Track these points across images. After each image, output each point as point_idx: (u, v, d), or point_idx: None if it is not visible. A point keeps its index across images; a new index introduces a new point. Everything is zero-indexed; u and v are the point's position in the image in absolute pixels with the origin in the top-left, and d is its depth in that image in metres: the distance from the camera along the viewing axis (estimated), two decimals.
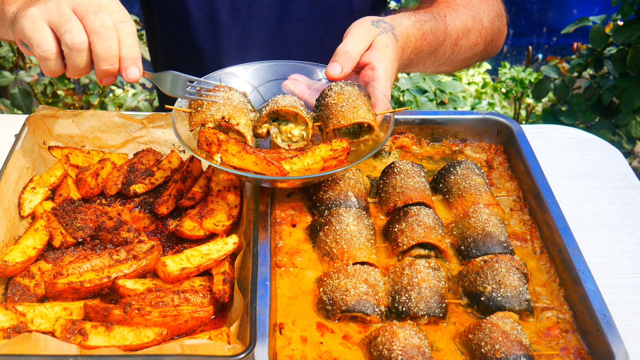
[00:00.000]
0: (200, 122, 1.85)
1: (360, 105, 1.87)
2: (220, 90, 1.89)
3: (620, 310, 1.78)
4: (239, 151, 1.75)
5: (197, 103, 1.89)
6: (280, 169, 1.75)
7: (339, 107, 1.86)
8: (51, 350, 1.44)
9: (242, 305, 1.59)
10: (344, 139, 1.86)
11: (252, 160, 1.75)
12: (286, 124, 1.92)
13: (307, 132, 1.93)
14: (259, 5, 2.53)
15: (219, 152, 1.76)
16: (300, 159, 1.84)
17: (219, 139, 1.76)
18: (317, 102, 1.95)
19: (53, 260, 1.77)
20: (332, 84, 1.92)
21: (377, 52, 1.96)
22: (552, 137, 2.49)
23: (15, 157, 1.92)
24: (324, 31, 2.61)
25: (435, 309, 1.68)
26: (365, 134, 1.93)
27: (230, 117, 1.84)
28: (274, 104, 1.90)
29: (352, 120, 1.85)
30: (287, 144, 1.94)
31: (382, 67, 1.94)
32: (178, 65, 2.75)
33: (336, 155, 1.84)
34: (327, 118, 1.89)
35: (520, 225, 2.00)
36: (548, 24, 6.14)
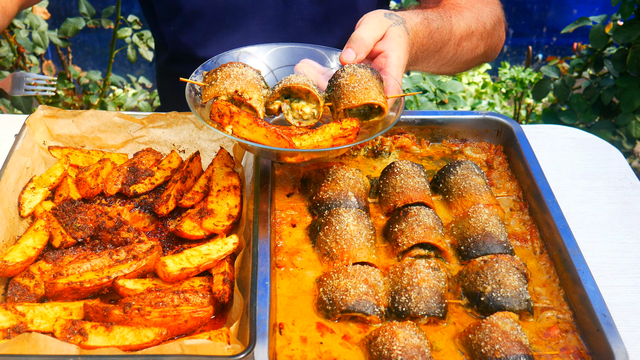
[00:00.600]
0: (213, 95, 1.88)
1: (371, 87, 1.88)
2: (234, 66, 1.92)
3: (620, 310, 1.78)
4: (250, 123, 1.78)
5: (211, 77, 1.92)
6: (290, 143, 1.77)
7: (350, 87, 1.88)
8: (51, 350, 1.44)
9: (242, 305, 1.59)
10: (354, 119, 1.87)
11: (262, 133, 1.78)
12: (298, 102, 1.94)
13: (318, 110, 1.95)
14: (262, 4, 2.53)
15: (230, 123, 1.79)
16: (310, 136, 1.85)
17: (231, 111, 1.79)
18: (330, 82, 1.97)
19: (53, 260, 1.77)
20: (346, 66, 1.94)
21: (390, 41, 1.99)
22: (552, 137, 2.49)
23: (15, 157, 1.92)
24: (327, 31, 2.62)
25: (435, 309, 1.68)
26: (375, 116, 1.94)
27: (243, 91, 1.87)
28: (287, 81, 1.92)
29: (362, 100, 1.86)
30: (297, 121, 1.96)
31: (395, 55, 1.97)
32: (179, 65, 2.76)
33: (345, 134, 1.85)
34: (338, 98, 1.91)
35: (520, 225, 2.00)
36: (548, 24, 6.14)
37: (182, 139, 2.17)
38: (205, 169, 2.08)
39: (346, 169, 2.04)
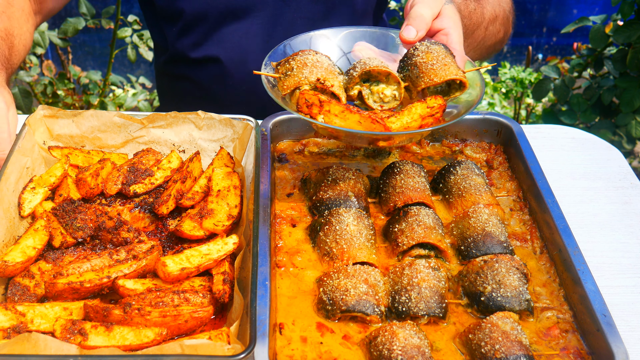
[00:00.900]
0: (293, 85, 1.86)
1: (449, 62, 1.87)
2: (307, 53, 1.90)
3: (620, 310, 1.78)
4: (342, 111, 1.77)
5: (285, 67, 1.91)
6: (385, 127, 1.75)
7: (429, 65, 1.85)
8: (51, 350, 1.44)
9: (242, 305, 1.59)
10: (438, 97, 1.84)
11: (356, 120, 1.76)
12: (377, 85, 1.92)
13: (399, 92, 1.92)
14: (262, 4, 2.53)
15: (321, 112, 1.77)
16: (398, 118, 1.82)
17: (320, 100, 1.78)
18: (403, 62, 1.94)
19: (53, 260, 1.77)
20: (418, 44, 1.91)
21: (447, 19, 1.99)
22: (552, 137, 2.49)
23: (15, 157, 1.92)
24: None
25: (435, 309, 1.68)
26: (455, 92, 1.91)
27: (325, 79, 1.86)
28: (364, 65, 1.89)
29: (444, 77, 1.84)
30: (379, 104, 1.93)
31: (456, 33, 1.98)
32: (179, 65, 2.76)
33: (433, 113, 1.83)
34: (416, 77, 1.88)
35: (520, 225, 2.00)
36: (548, 24, 6.13)
37: (182, 139, 2.17)
38: (205, 169, 2.07)
39: (346, 169, 2.04)
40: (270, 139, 2.15)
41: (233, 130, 2.14)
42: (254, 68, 2.63)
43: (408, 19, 1.97)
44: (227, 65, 2.63)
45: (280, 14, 2.56)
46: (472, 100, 1.89)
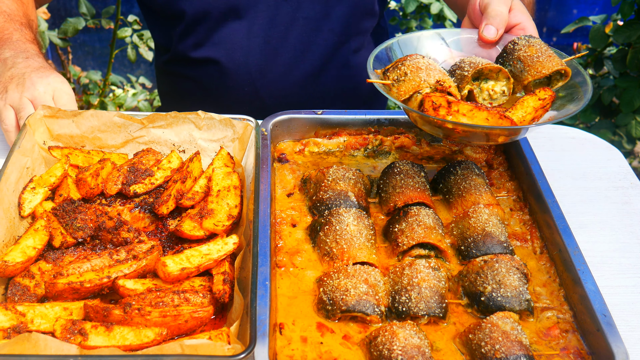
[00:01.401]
0: (413, 89, 1.89)
1: (552, 54, 1.94)
2: (415, 58, 1.95)
3: (620, 310, 1.78)
4: (471, 110, 1.80)
5: (395, 73, 1.94)
6: (512, 121, 1.79)
7: (534, 58, 1.92)
8: (51, 350, 1.44)
9: (242, 305, 1.59)
10: (547, 88, 1.89)
11: (484, 117, 1.80)
12: (486, 82, 1.96)
13: (508, 88, 1.97)
14: (263, 4, 2.54)
15: (449, 113, 1.80)
16: (513, 113, 1.86)
17: (448, 101, 1.81)
18: (502, 58, 1.99)
19: (53, 260, 1.77)
20: (516, 39, 1.97)
21: (520, 13, 2.04)
22: (552, 137, 2.49)
23: (15, 157, 1.92)
24: (328, 29, 2.62)
25: (435, 309, 1.68)
26: (557, 83, 1.96)
27: (443, 80, 1.90)
28: (474, 64, 1.93)
29: (552, 68, 1.91)
30: (488, 102, 1.98)
31: (531, 25, 2.03)
32: (180, 65, 2.76)
33: (544, 105, 1.88)
34: (520, 71, 1.94)
35: (520, 225, 2.00)
36: (548, 24, 6.13)
37: (182, 139, 2.17)
38: (205, 169, 2.07)
39: (346, 169, 2.04)
40: (270, 139, 2.15)
41: (233, 130, 2.14)
42: (255, 68, 2.64)
43: (487, 18, 2.01)
44: (227, 66, 2.63)
45: (280, 14, 2.56)
46: (582, 85, 1.95)
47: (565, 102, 1.94)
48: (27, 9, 2.54)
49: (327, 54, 2.67)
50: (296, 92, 2.71)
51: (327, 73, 2.71)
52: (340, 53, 2.69)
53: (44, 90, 2.11)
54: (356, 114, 2.25)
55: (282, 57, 2.63)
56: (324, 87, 2.74)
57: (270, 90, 2.67)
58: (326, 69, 2.69)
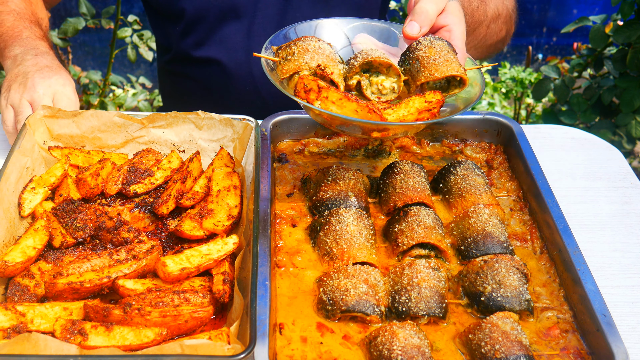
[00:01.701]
0: (293, 69, 1.85)
1: (451, 59, 1.86)
2: (309, 39, 1.89)
3: (620, 310, 1.78)
4: (340, 98, 1.75)
5: (285, 52, 1.89)
6: (381, 117, 1.74)
7: (431, 60, 1.84)
8: (51, 350, 1.44)
9: (242, 305, 1.59)
10: (437, 92, 1.83)
11: (353, 108, 1.75)
12: (377, 76, 1.91)
13: (398, 85, 1.91)
14: (263, 3, 2.54)
15: (318, 99, 1.76)
16: (395, 110, 1.81)
17: (319, 86, 1.76)
18: (404, 56, 1.93)
19: (53, 260, 1.77)
20: (421, 38, 1.90)
21: (452, 16, 1.99)
22: (552, 137, 2.49)
23: (15, 157, 1.92)
24: None
25: (435, 309, 1.68)
26: (454, 89, 1.90)
27: (325, 65, 1.85)
28: (366, 55, 1.88)
29: (446, 73, 1.83)
30: (376, 96, 1.92)
31: (459, 29, 1.97)
32: (182, 65, 2.76)
33: (430, 108, 1.82)
34: (417, 71, 1.87)
35: (520, 225, 2.00)
36: (548, 24, 6.13)
37: (182, 139, 2.17)
38: (205, 169, 2.08)
39: (346, 169, 2.04)
40: (270, 139, 2.15)
41: (233, 130, 2.14)
42: (256, 68, 2.64)
43: (412, 15, 1.95)
44: (228, 65, 2.63)
45: (281, 14, 2.56)
46: (470, 97, 1.87)
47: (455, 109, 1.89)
48: (35, 7, 2.56)
49: None
50: None
51: None
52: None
53: (43, 92, 2.12)
54: None
55: None
56: None
57: (272, 90, 2.67)
58: None
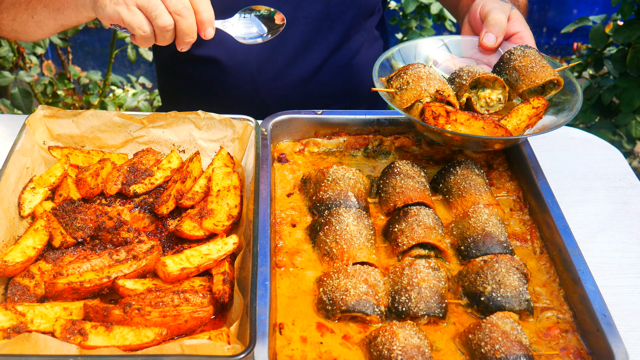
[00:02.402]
0: (414, 98, 1.99)
1: (546, 64, 2.04)
2: (417, 67, 2.04)
3: (620, 310, 1.78)
4: (468, 119, 1.91)
5: (398, 82, 2.03)
6: (506, 130, 1.89)
7: (529, 68, 2.02)
8: (51, 350, 1.44)
9: (242, 305, 1.59)
10: (541, 97, 2.00)
11: (480, 126, 1.91)
12: (483, 90, 2.06)
13: (504, 96, 2.07)
14: (262, 3, 2.53)
15: (448, 122, 1.90)
16: (508, 121, 1.97)
17: (447, 111, 1.91)
18: (499, 67, 2.09)
19: (53, 260, 1.77)
20: (512, 49, 2.08)
21: (519, 23, 2.15)
22: (552, 137, 2.49)
23: (15, 157, 1.92)
24: (328, 28, 2.62)
25: (435, 309, 1.68)
26: (550, 91, 2.07)
27: (442, 90, 1.98)
28: (472, 74, 2.03)
29: (545, 78, 2.02)
30: (485, 109, 2.07)
31: (529, 34, 2.14)
32: (181, 64, 2.76)
33: (538, 113, 1.99)
34: (515, 80, 2.05)
35: (520, 225, 2.00)
36: (548, 24, 6.13)
37: (182, 139, 2.17)
38: (205, 169, 2.08)
39: (346, 169, 2.04)
40: (270, 139, 2.15)
41: (233, 130, 2.14)
42: (255, 67, 2.64)
43: (487, 26, 2.11)
44: (228, 64, 2.63)
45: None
46: (570, 98, 2.05)
47: (557, 110, 2.05)
48: None
49: (328, 53, 2.67)
50: (296, 92, 2.70)
51: (327, 72, 2.71)
52: (340, 52, 2.69)
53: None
54: (356, 114, 2.25)
55: (283, 56, 2.62)
56: (325, 87, 2.74)
57: (271, 90, 2.67)
58: (327, 68, 2.69)
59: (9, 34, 2.30)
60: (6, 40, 4.17)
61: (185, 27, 1.92)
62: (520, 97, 2.10)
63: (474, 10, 2.19)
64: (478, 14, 2.18)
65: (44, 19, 2.15)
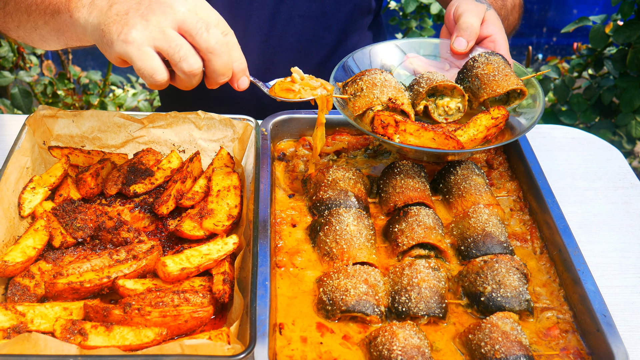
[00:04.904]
0: (366, 106, 1.92)
1: (509, 72, 1.95)
2: (372, 73, 1.96)
3: (620, 310, 1.78)
4: (417, 129, 1.84)
5: (353, 88, 1.96)
6: (458, 142, 1.82)
7: (490, 76, 1.94)
8: (51, 350, 1.44)
9: (242, 305, 1.59)
10: (501, 107, 1.92)
11: (430, 137, 1.83)
12: (441, 98, 1.99)
13: (463, 104, 2.00)
14: (259, 2, 2.54)
15: (396, 132, 1.84)
16: (464, 131, 1.90)
17: (396, 121, 1.84)
18: (462, 74, 2.01)
19: (53, 260, 1.77)
20: (476, 55, 1.99)
21: (492, 25, 2.05)
22: (552, 137, 2.49)
23: (15, 157, 1.92)
24: (324, 26, 2.62)
25: (435, 309, 1.68)
26: (514, 100, 1.99)
27: (395, 98, 1.91)
28: (430, 81, 1.96)
29: (507, 87, 1.93)
30: (443, 117, 2.00)
31: (502, 38, 2.05)
32: None
33: (497, 123, 1.91)
34: (477, 89, 1.96)
35: (520, 225, 2.00)
36: (548, 24, 6.14)
37: (182, 139, 2.17)
38: (205, 169, 2.08)
39: (346, 169, 2.04)
40: (270, 139, 2.15)
41: (233, 130, 2.14)
42: (254, 67, 2.63)
43: (458, 30, 2.03)
44: None
45: (276, 13, 2.56)
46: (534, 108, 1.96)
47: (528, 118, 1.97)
48: None
49: (326, 52, 2.67)
50: None
51: (326, 71, 2.71)
52: (338, 51, 2.69)
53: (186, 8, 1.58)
54: None
55: (281, 56, 2.63)
56: None
57: None
58: (325, 67, 2.69)
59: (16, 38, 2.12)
60: (6, 40, 4.17)
61: (220, 66, 1.60)
62: (484, 106, 2.02)
63: (449, 11, 2.12)
64: (452, 15, 2.10)
65: (46, 34, 1.91)
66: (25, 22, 1.94)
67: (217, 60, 1.58)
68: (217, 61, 1.59)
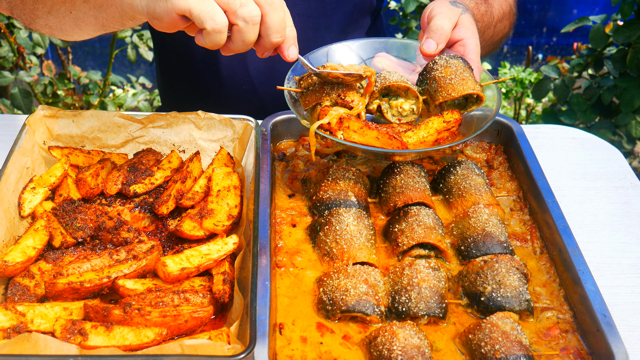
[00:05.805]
0: (314, 101, 1.90)
1: (467, 77, 1.91)
2: (327, 68, 1.92)
3: (620, 310, 1.78)
4: (361, 127, 1.81)
5: (307, 82, 1.94)
6: (402, 143, 1.80)
7: (447, 79, 1.90)
8: (51, 350, 1.44)
9: (242, 305, 1.59)
10: (455, 111, 1.89)
11: (374, 136, 1.81)
12: (396, 99, 1.96)
13: (417, 106, 1.97)
14: None
15: (340, 129, 1.81)
16: (415, 132, 1.88)
17: (340, 117, 1.82)
18: (422, 76, 1.98)
19: (53, 260, 1.77)
20: (437, 58, 1.95)
21: (465, 29, 2.03)
22: (552, 137, 2.49)
23: (15, 157, 1.92)
24: (325, 26, 2.62)
25: (435, 309, 1.68)
26: (472, 106, 1.96)
27: (345, 94, 1.89)
28: (384, 80, 1.93)
29: (462, 92, 1.89)
30: (397, 118, 1.98)
31: (473, 42, 2.02)
32: (181, 63, 2.76)
33: (449, 127, 1.88)
34: (434, 91, 1.93)
35: (520, 225, 2.00)
36: (548, 24, 6.14)
37: (182, 139, 2.17)
38: (205, 169, 2.08)
39: (346, 169, 2.04)
40: (270, 139, 2.15)
41: (233, 130, 2.14)
42: (252, 68, 2.64)
43: (428, 32, 2.00)
44: (227, 65, 2.63)
45: None
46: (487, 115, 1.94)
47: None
48: None
49: None
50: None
51: None
52: None
53: None
54: None
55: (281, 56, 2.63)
56: None
57: (269, 89, 2.67)
58: None
59: (42, 28, 2.02)
60: (6, 40, 4.17)
61: (276, 21, 1.61)
62: (440, 109, 1.98)
63: (424, 14, 2.11)
64: (426, 17, 2.08)
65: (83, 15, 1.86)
66: (60, 4, 1.90)
67: (274, 14, 1.60)
68: (274, 15, 1.60)
